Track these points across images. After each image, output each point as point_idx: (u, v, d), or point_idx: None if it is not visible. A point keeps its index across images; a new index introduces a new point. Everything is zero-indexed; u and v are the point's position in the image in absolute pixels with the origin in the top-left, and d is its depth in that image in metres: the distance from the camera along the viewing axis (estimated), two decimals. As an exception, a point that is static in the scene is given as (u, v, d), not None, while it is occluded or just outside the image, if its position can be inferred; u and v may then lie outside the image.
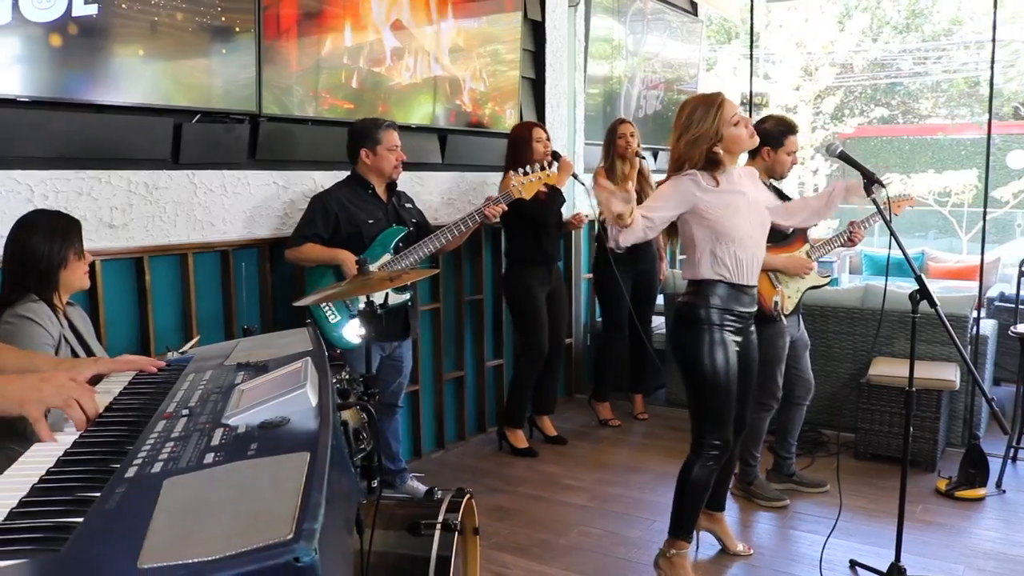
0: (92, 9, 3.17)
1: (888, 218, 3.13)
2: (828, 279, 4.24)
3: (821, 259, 4.21)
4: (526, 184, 4.18)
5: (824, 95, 18.20)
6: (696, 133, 3.13)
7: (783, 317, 3.93)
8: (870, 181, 3.09)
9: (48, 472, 1.24)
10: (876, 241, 10.98)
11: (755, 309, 3.31)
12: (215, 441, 1.23)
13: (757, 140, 3.27)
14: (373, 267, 3.69)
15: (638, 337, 5.44)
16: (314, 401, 1.32)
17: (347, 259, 3.65)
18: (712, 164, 3.14)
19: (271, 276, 3.93)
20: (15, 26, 2.94)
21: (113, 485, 1.11)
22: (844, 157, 3.26)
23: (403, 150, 3.86)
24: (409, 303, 3.91)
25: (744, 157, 3.63)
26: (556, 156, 4.63)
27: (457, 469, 4.76)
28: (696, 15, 7.54)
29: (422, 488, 3.68)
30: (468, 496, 2.60)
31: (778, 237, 3.89)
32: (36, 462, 1.31)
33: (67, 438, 1.41)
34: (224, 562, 0.84)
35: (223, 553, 0.85)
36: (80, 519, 1.03)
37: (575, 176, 4.68)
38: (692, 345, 3.20)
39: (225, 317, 3.78)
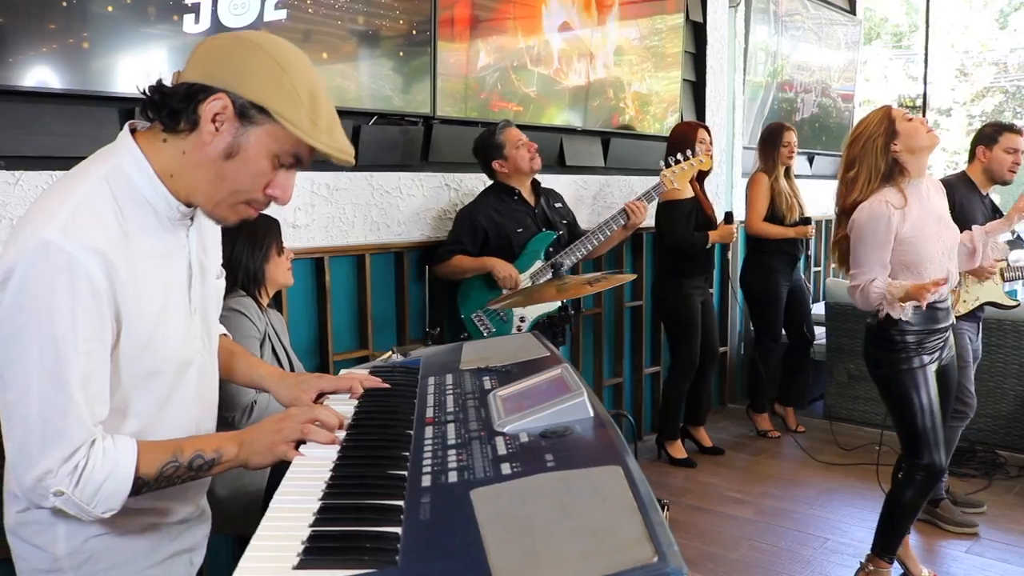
0: (282, 14, 3.24)
1: None
2: (1015, 304, 4.01)
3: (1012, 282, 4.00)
4: (678, 174, 4.06)
5: (978, 97, 17.35)
6: (866, 132, 3.00)
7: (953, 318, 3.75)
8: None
9: (332, 479, 1.22)
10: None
11: (952, 321, 3.13)
12: (501, 450, 1.19)
13: (937, 138, 3.05)
14: (524, 275, 3.62)
15: (791, 349, 5.30)
16: (592, 411, 1.27)
17: (495, 264, 3.59)
18: (895, 172, 2.97)
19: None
20: (213, 31, 3.02)
21: (414, 494, 1.09)
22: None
23: (554, 151, 3.80)
24: (561, 312, 3.83)
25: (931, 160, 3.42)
26: None
27: (614, 477, 4.68)
28: (854, 13, 7.26)
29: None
30: (665, 507, 2.53)
31: None
32: (306, 467, 1.31)
33: (311, 451, 1.39)
34: (594, 586, 0.80)
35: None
36: (395, 528, 1.00)
37: None
38: (891, 368, 3.06)
39: (397, 318, 3.80)
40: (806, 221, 5.04)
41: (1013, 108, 17.86)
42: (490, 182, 3.86)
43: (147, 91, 1.38)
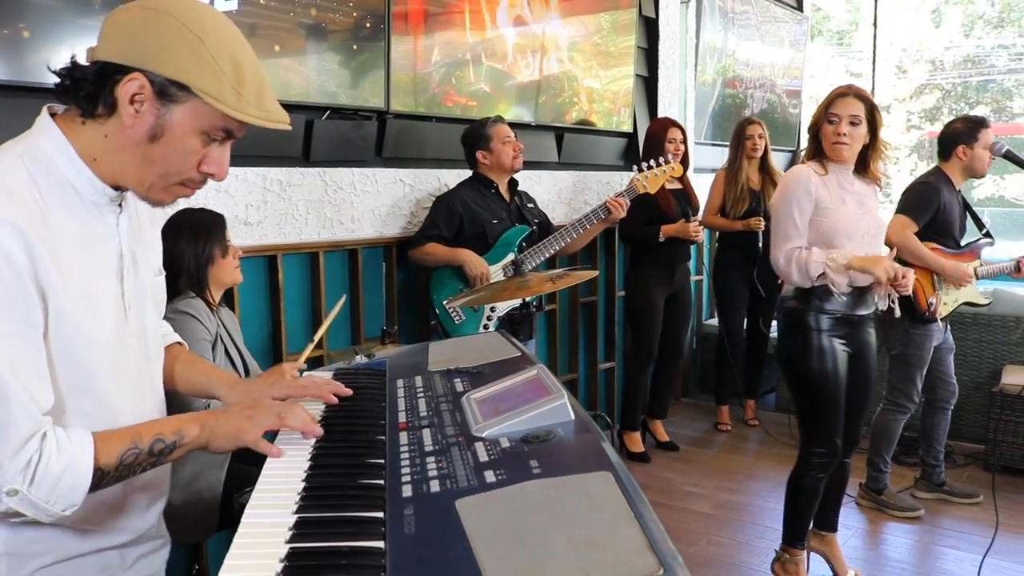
0: (232, 5, 3.14)
1: None
2: (988, 302, 4.12)
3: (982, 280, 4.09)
4: (649, 178, 4.13)
5: (916, 94, 17.69)
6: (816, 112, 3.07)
7: (938, 321, 3.82)
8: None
9: (305, 490, 1.17)
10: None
11: (870, 312, 3.13)
12: (483, 457, 1.14)
13: (843, 148, 3.00)
14: (496, 267, 3.63)
15: (753, 341, 5.33)
16: (573, 413, 1.23)
17: (468, 258, 3.60)
18: (819, 154, 3.05)
19: (396, 276, 3.88)
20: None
21: (395, 505, 1.04)
22: (1010, 156, 3.11)
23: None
24: (534, 305, 3.84)
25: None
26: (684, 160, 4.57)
27: (570, 474, 4.66)
28: (801, 10, 7.32)
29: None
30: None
31: (952, 244, 3.85)
32: (277, 478, 1.24)
33: (280, 463, 1.33)
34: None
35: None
36: (378, 543, 0.95)
37: None
38: (798, 351, 3.07)
39: (352, 316, 3.73)
40: (752, 213, 5.00)
41: (949, 105, 18.29)
42: (468, 175, 3.87)
43: (58, 72, 1.30)
